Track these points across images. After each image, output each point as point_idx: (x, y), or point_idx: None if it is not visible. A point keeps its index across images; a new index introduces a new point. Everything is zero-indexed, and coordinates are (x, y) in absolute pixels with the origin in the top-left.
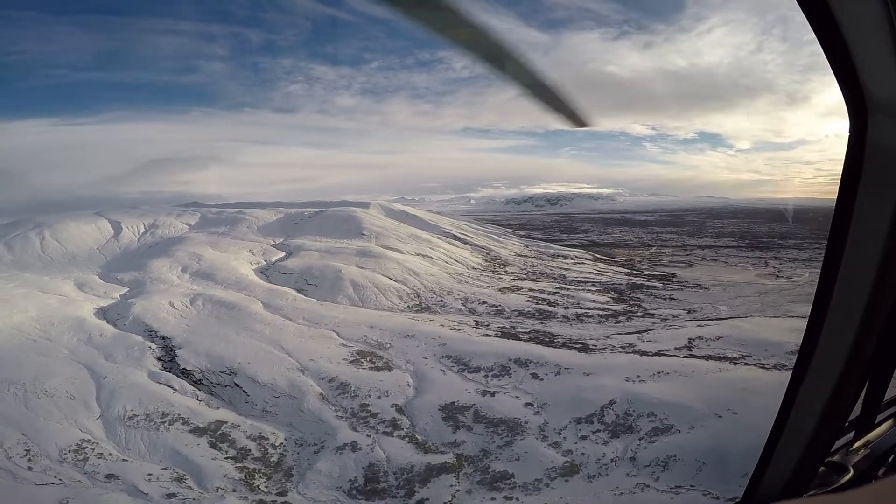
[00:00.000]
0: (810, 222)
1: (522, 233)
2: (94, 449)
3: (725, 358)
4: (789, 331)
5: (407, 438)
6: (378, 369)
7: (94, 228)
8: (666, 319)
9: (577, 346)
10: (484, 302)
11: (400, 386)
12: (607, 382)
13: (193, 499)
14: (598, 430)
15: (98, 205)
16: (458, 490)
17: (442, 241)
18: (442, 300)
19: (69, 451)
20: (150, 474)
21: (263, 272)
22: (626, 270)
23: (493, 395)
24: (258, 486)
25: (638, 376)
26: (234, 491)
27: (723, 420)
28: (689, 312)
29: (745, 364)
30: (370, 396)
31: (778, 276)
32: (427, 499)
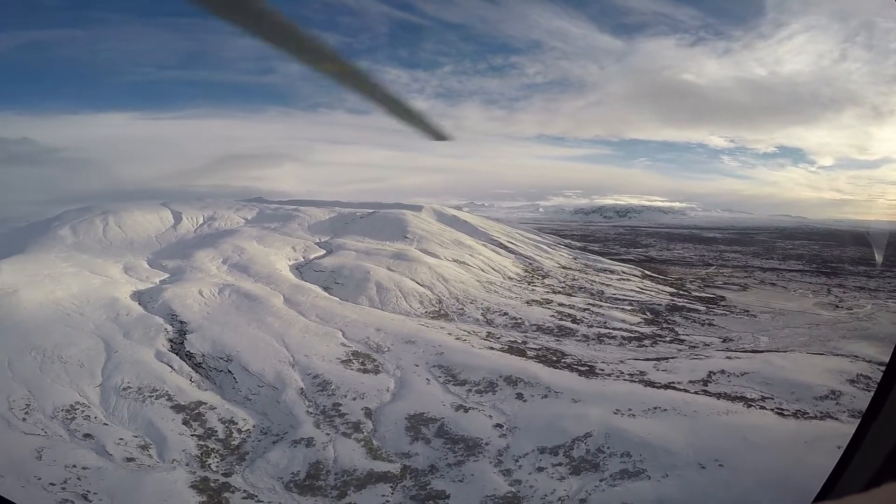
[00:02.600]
0: (889, 247)
1: (580, 244)
2: (83, 411)
3: (741, 398)
4: (827, 372)
5: (363, 442)
6: (365, 371)
7: (156, 217)
8: (695, 347)
9: (583, 368)
10: (505, 314)
11: (379, 390)
12: (592, 412)
13: (148, 465)
14: (560, 464)
15: (168, 196)
16: (388, 501)
17: (485, 249)
18: (463, 308)
19: (61, 411)
20: (121, 439)
21: (298, 269)
22: (672, 290)
23: (466, 410)
24: (209, 464)
25: (629, 409)
26: (187, 465)
27: (704, 472)
28: (723, 341)
29: (761, 408)
30: (346, 397)
31: (837, 307)
32: (355, 503)
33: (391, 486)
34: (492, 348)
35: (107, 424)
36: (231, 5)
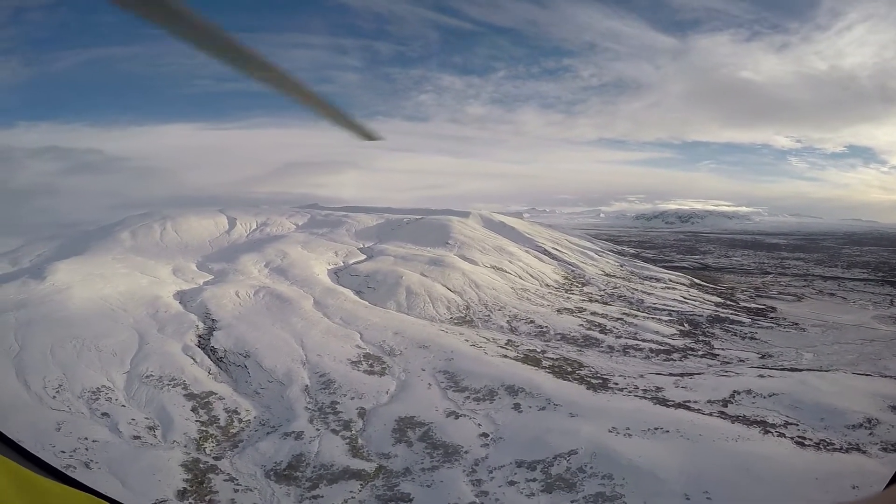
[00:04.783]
0: None
1: (633, 251)
2: (107, 394)
3: (761, 423)
4: (868, 396)
5: (348, 440)
6: (371, 373)
7: (212, 223)
8: (728, 363)
9: (595, 381)
10: (531, 321)
11: (378, 392)
12: (585, 429)
13: (151, 444)
14: (534, 480)
15: (227, 203)
16: (353, 498)
17: (527, 255)
18: (489, 315)
19: (88, 392)
20: (133, 419)
21: (336, 273)
22: (718, 300)
23: (457, 417)
24: (205, 447)
25: (627, 428)
26: (185, 446)
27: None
28: (761, 357)
29: (780, 435)
30: (345, 396)
31: None
32: (322, 496)
33: (361, 484)
34: (506, 356)
35: (124, 406)
36: (150, 5)
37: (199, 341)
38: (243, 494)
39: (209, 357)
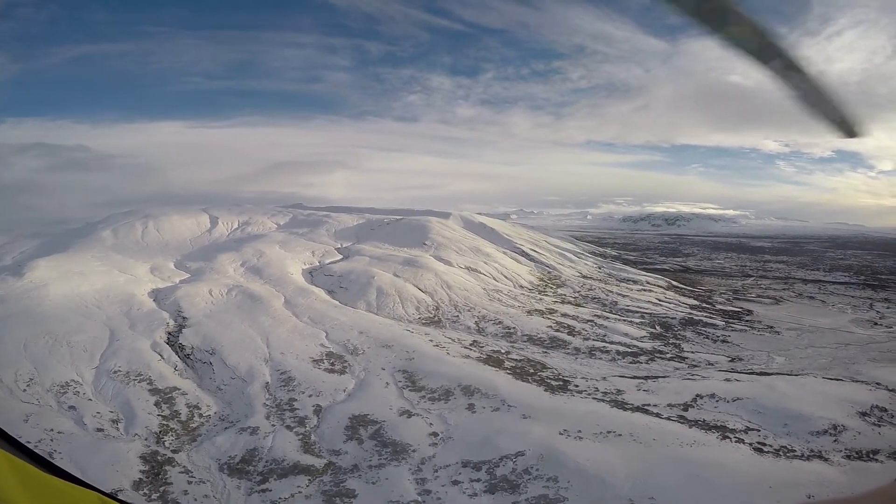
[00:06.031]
0: None
1: (615, 253)
2: (75, 388)
3: (720, 428)
4: (836, 401)
5: (301, 436)
6: (332, 371)
7: (194, 222)
8: (696, 366)
9: (556, 383)
10: (499, 322)
11: (336, 390)
12: (536, 431)
13: (113, 436)
14: (478, 480)
15: (213, 201)
16: (300, 493)
17: (504, 256)
18: (458, 316)
19: (57, 386)
20: (98, 413)
21: (311, 272)
22: (694, 302)
23: (410, 416)
24: (164, 440)
25: (579, 431)
26: (145, 439)
27: None
28: (731, 361)
29: (738, 441)
30: (303, 393)
31: (875, 324)
32: (270, 490)
33: (309, 479)
34: (468, 357)
35: (91, 400)
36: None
37: (169, 338)
38: (196, 486)
39: (176, 354)
